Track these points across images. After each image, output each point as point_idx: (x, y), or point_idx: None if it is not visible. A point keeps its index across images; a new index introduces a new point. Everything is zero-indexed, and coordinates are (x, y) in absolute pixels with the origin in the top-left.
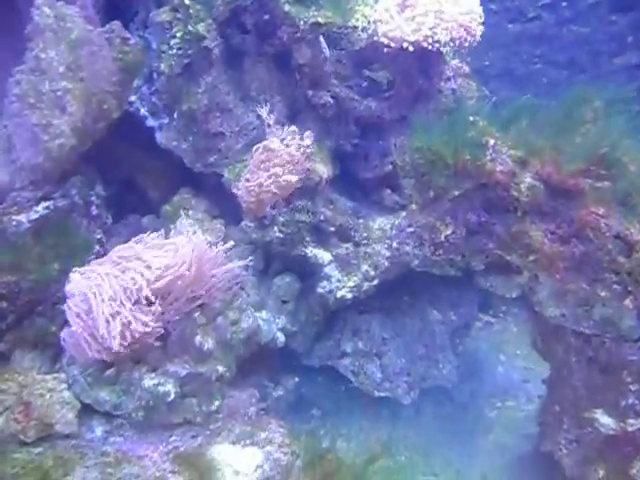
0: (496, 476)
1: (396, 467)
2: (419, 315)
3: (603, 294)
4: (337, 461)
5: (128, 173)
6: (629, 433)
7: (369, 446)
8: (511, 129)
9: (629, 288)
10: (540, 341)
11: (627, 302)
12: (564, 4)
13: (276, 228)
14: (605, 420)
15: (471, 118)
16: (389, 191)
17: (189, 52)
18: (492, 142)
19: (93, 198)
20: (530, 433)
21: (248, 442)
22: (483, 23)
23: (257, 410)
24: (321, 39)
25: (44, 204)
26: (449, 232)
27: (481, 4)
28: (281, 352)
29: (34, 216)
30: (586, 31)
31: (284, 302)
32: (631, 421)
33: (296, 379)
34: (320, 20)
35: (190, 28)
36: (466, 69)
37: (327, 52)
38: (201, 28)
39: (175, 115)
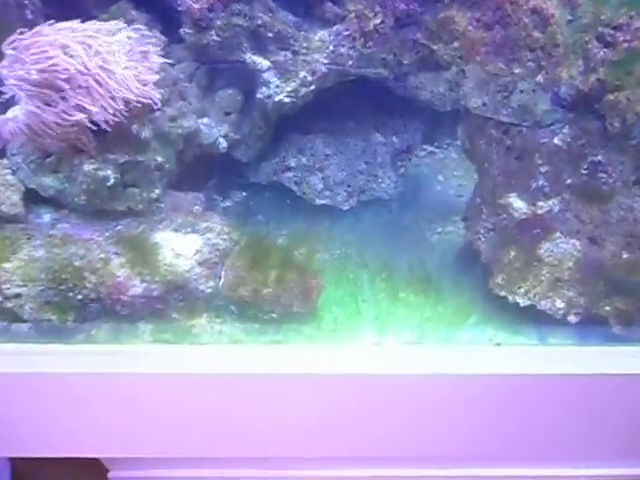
0: (424, 265)
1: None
2: (362, 137)
3: (518, 71)
4: (272, 246)
5: None
6: (538, 216)
7: (305, 242)
8: None
9: (542, 63)
10: (467, 141)
11: (539, 78)
12: None
13: (213, 32)
14: (518, 204)
15: None
16: (330, 4)
17: None
18: None
19: (27, 2)
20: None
21: (189, 230)
22: None
23: (202, 210)
24: None
25: None
26: (378, 21)
27: None
28: (227, 166)
29: None
30: None
31: (227, 114)
32: (541, 204)
33: (244, 193)
34: None
35: None
36: None
37: None
38: None
39: None
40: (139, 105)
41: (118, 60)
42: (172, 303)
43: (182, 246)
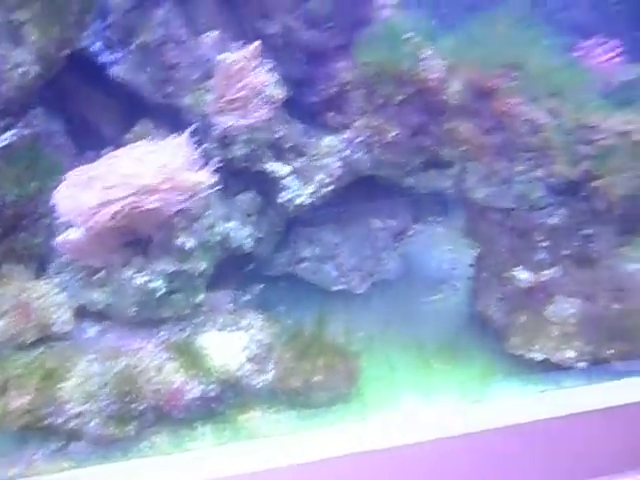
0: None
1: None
2: (364, 223)
3: (519, 169)
4: (312, 335)
5: (80, 110)
6: (542, 283)
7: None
8: (440, 44)
9: (538, 162)
10: (469, 224)
11: (538, 173)
12: None
13: (237, 146)
14: (523, 275)
15: (406, 35)
16: (333, 113)
17: None
18: (425, 54)
19: (56, 128)
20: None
21: (233, 328)
22: None
23: (234, 306)
24: None
25: (10, 132)
26: (395, 133)
27: None
28: (246, 261)
29: (2, 144)
30: None
31: (248, 215)
32: (544, 272)
33: (261, 285)
34: None
35: None
36: (394, 1)
37: None
38: None
39: (130, 49)
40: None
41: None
42: (227, 401)
43: (230, 346)
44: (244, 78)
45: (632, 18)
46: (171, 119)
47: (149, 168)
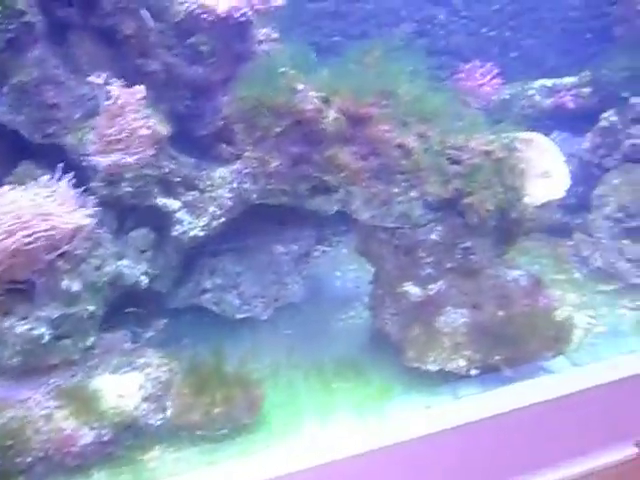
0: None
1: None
2: (267, 250)
3: (396, 191)
4: (211, 367)
5: None
6: (431, 296)
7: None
8: (315, 76)
9: (412, 183)
10: (361, 244)
11: (414, 193)
12: None
13: (124, 184)
14: (413, 290)
15: (282, 69)
16: (224, 145)
17: (10, 27)
18: (301, 87)
19: None
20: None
21: (128, 369)
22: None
23: (131, 346)
24: (143, 11)
25: None
26: (277, 163)
27: None
28: (146, 297)
29: None
30: (371, 7)
31: (143, 251)
32: (431, 286)
33: (164, 320)
34: None
35: (8, 3)
36: (275, 35)
37: (151, 23)
38: (21, 3)
39: (5, 90)
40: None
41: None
42: (124, 443)
43: (124, 387)
44: (126, 116)
45: (505, 43)
46: (54, 159)
47: (25, 211)
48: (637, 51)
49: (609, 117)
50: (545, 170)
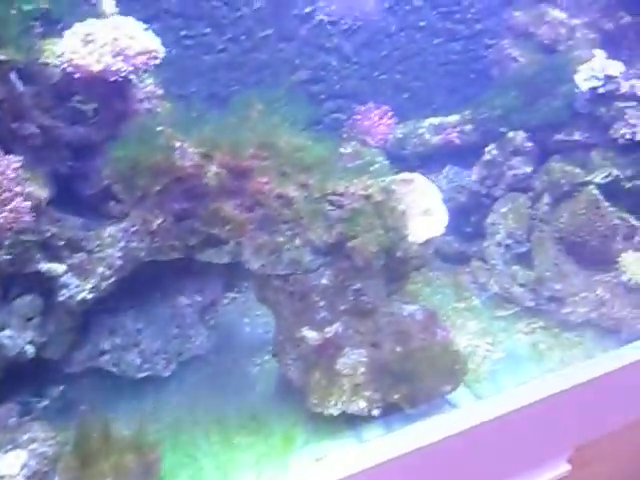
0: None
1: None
2: (169, 304)
3: (282, 239)
4: (104, 434)
5: None
6: (329, 339)
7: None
8: (196, 133)
9: (296, 231)
10: (258, 292)
11: (296, 241)
12: (243, 37)
13: (2, 251)
14: (311, 334)
15: (159, 128)
16: (113, 202)
17: None
18: (178, 144)
19: None
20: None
21: (10, 447)
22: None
23: (18, 421)
24: (12, 75)
25: None
26: (160, 221)
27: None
28: (37, 365)
29: None
30: (264, 57)
31: (29, 319)
32: (327, 329)
33: (61, 387)
34: (2, 58)
35: None
36: (159, 92)
37: (20, 87)
38: None
39: None
40: None
41: None
42: None
43: (5, 467)
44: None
45: (397, 85)
46: None
47: None
48: (507, 91)
49: (491, 151)
50: (425, 208)
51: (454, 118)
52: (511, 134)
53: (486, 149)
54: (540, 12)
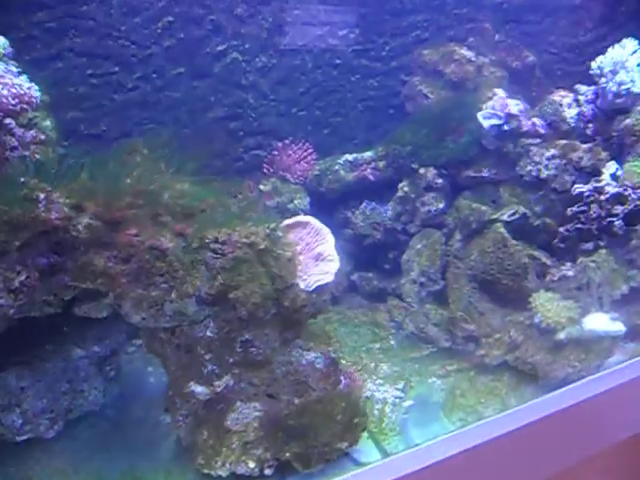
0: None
1: None
2: (62, 357)
3: (158, 293)
4: None
5: None
6: (218, 393)
7: None
8: (68, 182)
9: (171, 284)
10: (147, 344)
11: (173, 295)
12: (154, 75)
13: None
14: (199, 389)
15: (22, 179)
16: None
17: None
18: (43, 196)
19: None
20: None
21: None
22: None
23: None
24: None
25: None
26: (23, 278)
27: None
28: None
29: None
30: (177, 95)
31: None
32: (216, 383)
33: None
34: None
35: None
36: (42, 137)
37: None
38: None
39: None
40: None
41: None
42: None
43: None
44: None
45: (316, 121)
46: None
47: None
48: (418, 127)
49: (403, 187)
50: (318, 252)
51: (368, 154)
52: (422, 170)
53: (399, 185)
54: (448, 50)
